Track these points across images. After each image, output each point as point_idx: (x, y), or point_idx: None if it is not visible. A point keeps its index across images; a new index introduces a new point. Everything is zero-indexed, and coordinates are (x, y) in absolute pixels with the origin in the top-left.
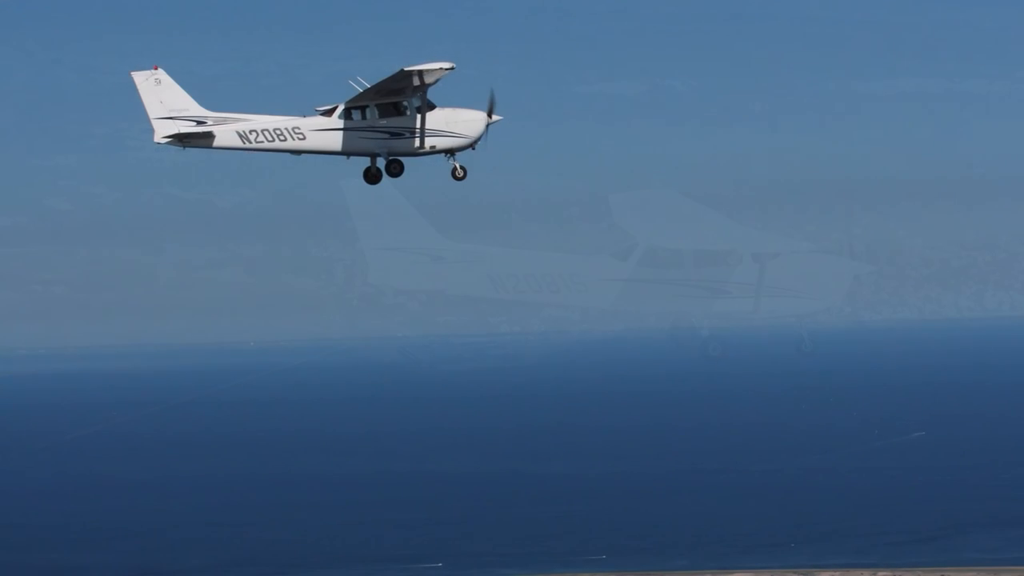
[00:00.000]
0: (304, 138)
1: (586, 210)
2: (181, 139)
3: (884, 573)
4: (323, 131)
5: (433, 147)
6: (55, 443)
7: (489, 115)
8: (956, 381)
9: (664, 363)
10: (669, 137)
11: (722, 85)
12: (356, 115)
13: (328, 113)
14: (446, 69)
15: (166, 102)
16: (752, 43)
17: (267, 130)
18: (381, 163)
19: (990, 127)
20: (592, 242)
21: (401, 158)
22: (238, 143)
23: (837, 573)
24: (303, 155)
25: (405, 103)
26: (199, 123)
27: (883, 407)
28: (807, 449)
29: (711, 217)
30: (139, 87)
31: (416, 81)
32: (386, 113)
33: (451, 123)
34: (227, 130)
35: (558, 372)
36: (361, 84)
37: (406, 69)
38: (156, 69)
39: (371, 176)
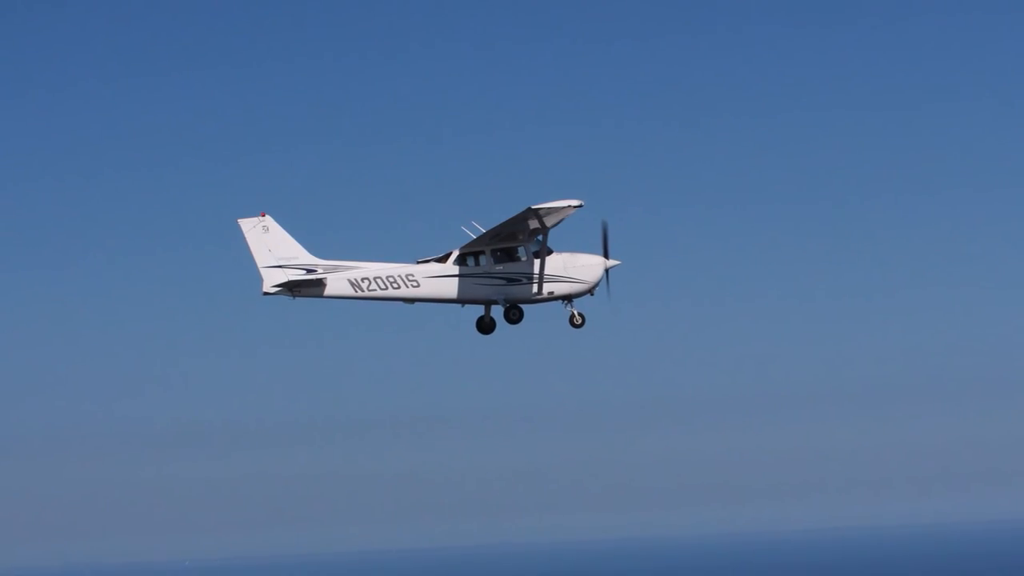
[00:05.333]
0: (418, 285)
1: None
2: (291, 288)
3: None
4: (438, 278)
5: (551, 293)
6: None
7: (606, 256)
8: None
9: None
10: None
11: None
12: (470, 261)
13: (442, 260)
14: (574, 207)
15: (274, 250)
16: None
17: (380, 278)
18: (496, 311)
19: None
20: None
21: (520, 304)
22: (350, 291)
23: None
24: (416, 303)
25: (520, 249)
26: (309, 271)
27: None
28: None
29: None
30: (246, 235)
31: (535, 223)
32: (500, 259)
33: (569, 268)
34: (339, 278)
35: None
36: (474, 228)
37: (534, 207)
38: (263, 216)
39: (485, 326)
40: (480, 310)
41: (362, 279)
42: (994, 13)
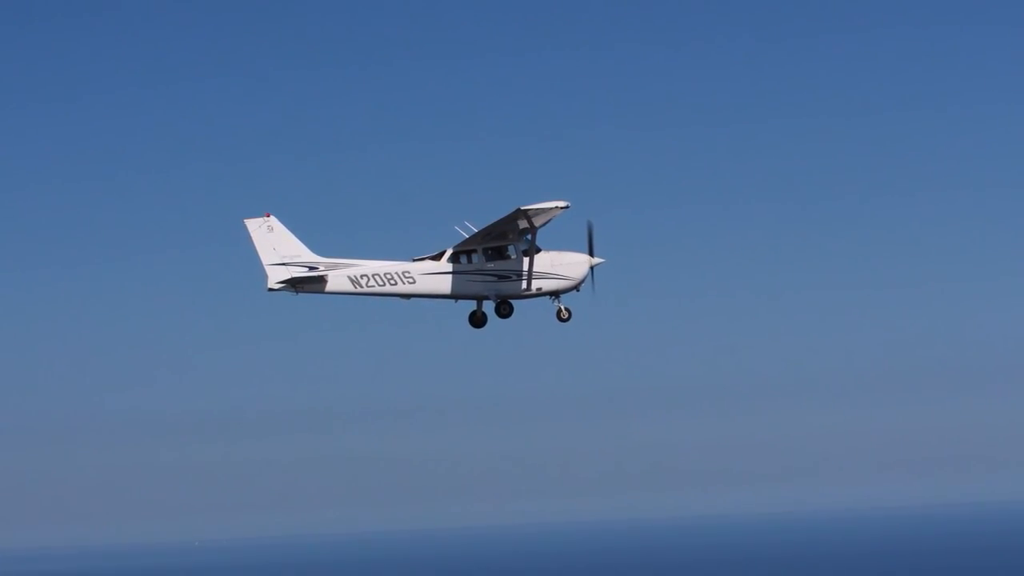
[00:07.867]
0: (414, 282)
1: None
2: (294, 284)
3: None
4: (432, 275)
5: (539, 289)
6: None
7: (591, 254)
8: None
9: None
10: None
11: None
12: (463, 259)
13: (436, 258)
14: (561, 207)
15: (279, 248)
16: None
17: (378, 274)
18: (487, 307)
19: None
20: None
21: (510, 300)
22: (349, 287)
23: None
24: (412, 299)
25: (510, 247)
26: (311, 268)
27: None
28: None
29: None
30: (252, 234)
31: (524, 223)
32: (491, 257)
33: (556, 265)
34: (339, 275)
35: None
36: (467, 228)
37: (523, 208)
38: (268, 216)
39: (477, 320)
40: (472, 305)
41: (361, 276)
42: (964, 25)
